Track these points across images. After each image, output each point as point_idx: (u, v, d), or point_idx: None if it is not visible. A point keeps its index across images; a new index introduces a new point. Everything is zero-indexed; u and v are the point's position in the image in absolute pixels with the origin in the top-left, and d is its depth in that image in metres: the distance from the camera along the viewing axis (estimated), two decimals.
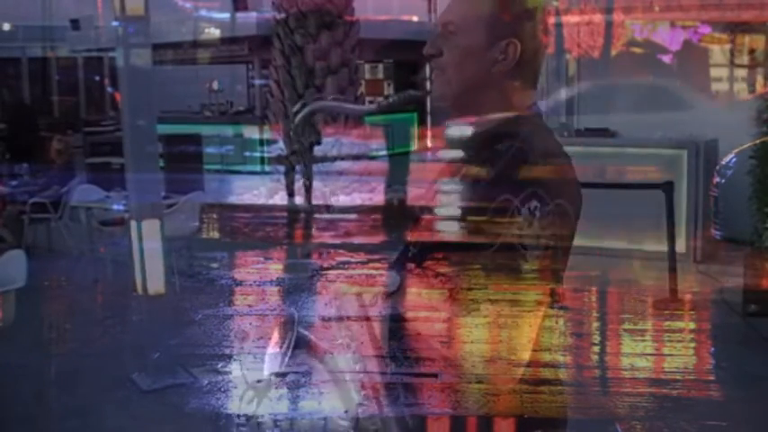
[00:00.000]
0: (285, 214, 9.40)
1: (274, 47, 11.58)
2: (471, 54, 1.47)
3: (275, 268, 7.90)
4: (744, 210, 5.73)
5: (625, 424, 4.07)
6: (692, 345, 5.49)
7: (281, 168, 11.12)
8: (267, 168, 13.08)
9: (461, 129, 1.53)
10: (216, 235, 9.86)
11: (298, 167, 10.65)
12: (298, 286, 6.90)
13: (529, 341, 1.37)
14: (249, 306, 6.60)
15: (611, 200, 6.18)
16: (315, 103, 1.74)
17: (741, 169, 6.06)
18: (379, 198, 10.60)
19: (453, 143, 1.56)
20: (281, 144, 11.26)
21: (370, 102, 14.34)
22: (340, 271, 7.25)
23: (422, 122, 16.35)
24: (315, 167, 9.65)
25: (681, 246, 6.67)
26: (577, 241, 1.43)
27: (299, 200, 9.16)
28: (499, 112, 1.48)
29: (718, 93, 11.44)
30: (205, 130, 13.67)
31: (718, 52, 11.40)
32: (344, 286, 1.77)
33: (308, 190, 8.31)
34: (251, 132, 14.39)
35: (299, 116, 1.69)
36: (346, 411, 1.82)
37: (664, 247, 6.21)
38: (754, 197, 5.69)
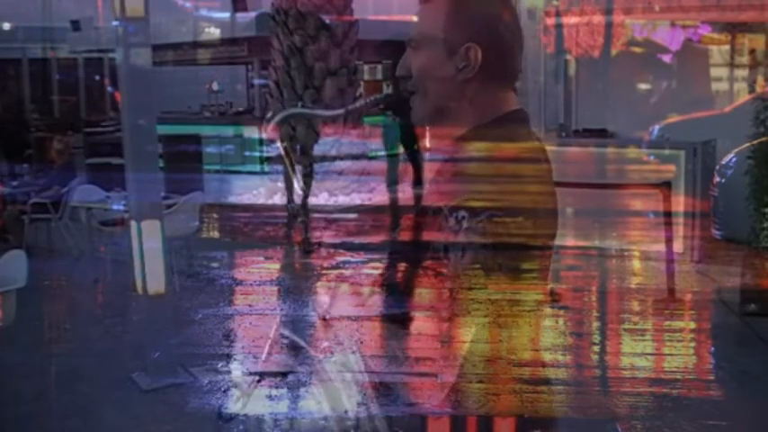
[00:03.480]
0: (284, 214, 9.41)
1: (274, 48, 11.59)
2: (434, 66, 1.44)
3: (274, 268, 7.92)
4: (743, 210, 5.75)
5: (624, 423, 4.09)
6: (690, 344, 5.50)
7: (280, 168, 11.13)
8: (266, 168, 13.09)
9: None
10: (216, 235, 9.87)
11: (297, 168, 10.65)
12: (296, 286, 6.92)
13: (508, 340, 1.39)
14: (249, 306, 6.62)
15: (610, 200, 6.19)
16: (286, 111, 1.82)
17: (741, 169, 6.08)
18: (375, 198, 10.61)
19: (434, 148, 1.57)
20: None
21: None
22: (339, 270, 7.26)
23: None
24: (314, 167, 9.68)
25: (678, 246, 6.68)
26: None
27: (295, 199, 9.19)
28: (473, 119, 1.45)
29: (718, 93, 11.44)
30: (205, 130, 13.67)
31: (717, 52, 11.41)
32: (342, 285, 1.79)
33: (307, 189, 8.43)
34: (250, 133, 14.40)
35: (272, 122, 1.73)
36: (346, 411, 1.83)
37: (662, 247, 6.22)
38: (752, 197, 5.70)
